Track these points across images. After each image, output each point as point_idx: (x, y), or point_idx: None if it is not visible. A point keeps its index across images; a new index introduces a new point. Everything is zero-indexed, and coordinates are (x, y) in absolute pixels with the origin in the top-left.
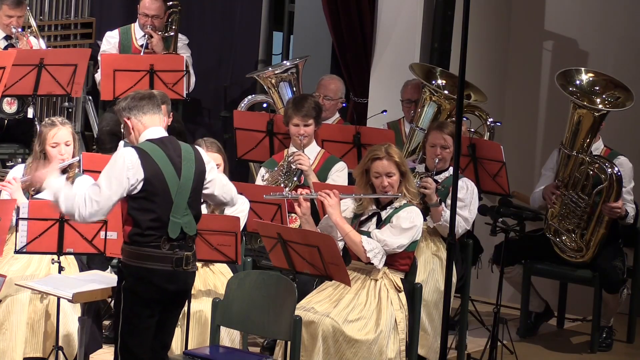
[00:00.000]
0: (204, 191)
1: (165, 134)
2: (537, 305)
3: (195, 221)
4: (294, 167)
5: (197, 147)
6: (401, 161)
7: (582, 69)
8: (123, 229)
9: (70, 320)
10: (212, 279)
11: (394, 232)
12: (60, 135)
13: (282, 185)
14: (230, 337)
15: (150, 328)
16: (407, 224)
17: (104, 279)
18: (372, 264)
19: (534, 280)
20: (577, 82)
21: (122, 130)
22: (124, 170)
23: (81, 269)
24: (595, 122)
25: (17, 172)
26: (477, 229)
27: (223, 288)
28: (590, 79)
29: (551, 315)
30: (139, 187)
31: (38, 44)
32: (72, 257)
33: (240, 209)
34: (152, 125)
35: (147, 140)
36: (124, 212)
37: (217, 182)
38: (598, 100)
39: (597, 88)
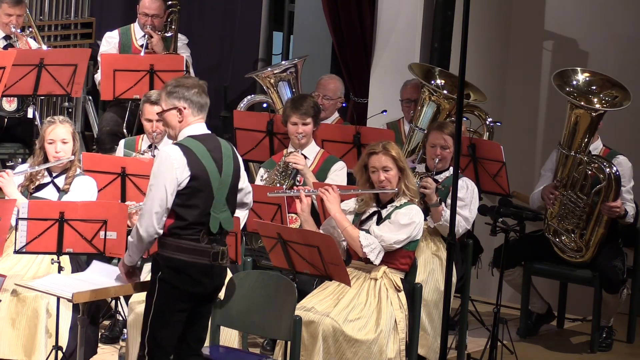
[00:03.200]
0: None
1: (207, 131)
2: (539, 307)
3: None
4: (290, 166)
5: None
6: (399, 157)
7: (579, 68)
8: None
9: (53, 320)
10: None
11: (392, 228)
12: (57, 133)
13: (279, 185)
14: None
15: (180, 322)
16: (405, 220)
17: (104, 280)
18: (369, 259)
19: (535, 281)
20: (574, 82)
21: (161, 117)
22: (170, 169)
23: (76, 270)
24: (592, 122)
25: (19, 170)
26: (477, 229)
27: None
28: (587, 78)
29: (553, 318)
30: (184, 184)
31: (37, 47)
32: (66, 257)
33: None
34: (198, 122)
35: (188, 136)
36: None
37: (245, 181)
38: (595, 100)
39: (594, 88)
